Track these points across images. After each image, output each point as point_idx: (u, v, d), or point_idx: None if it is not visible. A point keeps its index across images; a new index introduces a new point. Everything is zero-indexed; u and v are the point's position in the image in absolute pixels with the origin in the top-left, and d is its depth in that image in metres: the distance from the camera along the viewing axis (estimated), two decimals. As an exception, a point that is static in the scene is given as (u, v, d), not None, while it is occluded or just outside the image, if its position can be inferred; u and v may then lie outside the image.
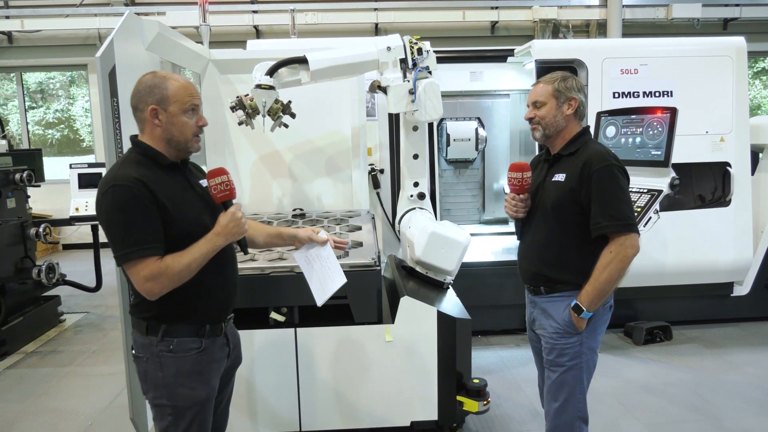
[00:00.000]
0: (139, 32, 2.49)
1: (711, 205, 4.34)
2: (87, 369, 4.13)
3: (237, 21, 8.33)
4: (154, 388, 1.83)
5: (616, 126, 3.67)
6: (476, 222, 5.16)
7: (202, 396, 1.84)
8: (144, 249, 1.68)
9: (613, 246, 2.05)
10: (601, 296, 2.08)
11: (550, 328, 2.21)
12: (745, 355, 4.03)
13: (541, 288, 2.24)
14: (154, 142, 1.81)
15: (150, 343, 1.81)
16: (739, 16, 8.66)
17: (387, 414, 2.88)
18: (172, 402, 1.81)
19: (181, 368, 1.81)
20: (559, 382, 2.20)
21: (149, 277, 1.68)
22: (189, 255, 1.73)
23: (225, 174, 1.83)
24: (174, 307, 1.80)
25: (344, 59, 3.09)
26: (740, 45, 4.32)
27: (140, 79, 1.81)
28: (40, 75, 9.77)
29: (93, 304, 5.70)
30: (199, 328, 1.84)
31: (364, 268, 2.77)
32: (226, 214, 1.81)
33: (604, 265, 2.05)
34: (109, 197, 1.68)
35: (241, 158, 3.85)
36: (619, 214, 2.04)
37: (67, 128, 11.59)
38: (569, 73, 2.25)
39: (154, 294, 1.71)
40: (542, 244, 2.22)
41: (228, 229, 1.79)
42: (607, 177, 2.06)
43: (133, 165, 1.75)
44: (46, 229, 4.86)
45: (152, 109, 1.76)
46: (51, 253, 8.34)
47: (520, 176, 2.21)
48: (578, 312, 2.11)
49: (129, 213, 1.67)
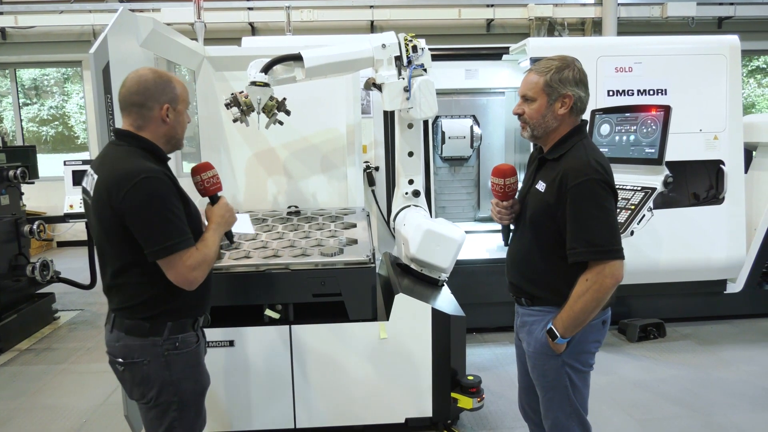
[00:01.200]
0: (134, 28, 2.48)
1: (705, 203, 4.36)
2: (81, 366, 4.13)
3: (232, 18, 8.30)
4: (159, 387, 1.80)
5: (610, 124, 3.68)
6: (471, 219, 5.17)
7: (204, 386, 1.93)
8: (187, 239, 1.72)
9: (590, 274, 1.81)
10: (577, 324, 1.87)
11: (530, 347, 2.03)
12: (738, 352, 4.06)
13: (522, 299, 2.06)
14: (155, 138, 1.81)
15: (152, 345, 1.78)
16: (734, 14, 8.70)
17: (381, 411, 2.89)
18: (179, 397, 1.83)
19: (187, 363, 1.85)
20: (547, 400, 2.04)
21: (194, 265, 1.72)
22: (210, 244, 1.81)
23: (212, 168, 1.94)
24: (182, 301, 1.82)
25: (339, 56, 3.09)
26: (734, 43, 4.34)
27: (141, 76, 1.77)
28: (35, 71, 9.72)
29: (87, 301, 5.68)
30: (194, 321, 1.89)
31: (359, 265, 2.77)
32: (221, 205, 1.92)
33: (579, 294, 1.83)
34: (142, 189, 1.65)
35: (236, 155, 3.85)
36: (597, 239, 1.78)
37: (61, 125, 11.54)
38: (570, 59, 1.93)
39: (197, 283, 1.75)
40: (521, 256, 2.03)
41: (225, 219, 1.91)
42: (584, 195, 1.79)
43: (143, 159, 1.74)
44: (41, 227, 4.84)
45: (166, 108, 1.79)
46: (45, 251, 8.31)
47: (502, 183, 2.01)
48: (553, 337, 1.90)
49: (167, 204, 1.69)
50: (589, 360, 2.01)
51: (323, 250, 2.88)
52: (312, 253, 2.86)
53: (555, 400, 2.01)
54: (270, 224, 3.41)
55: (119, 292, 1.80)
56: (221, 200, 1.94)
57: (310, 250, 2.91)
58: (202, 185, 1.91)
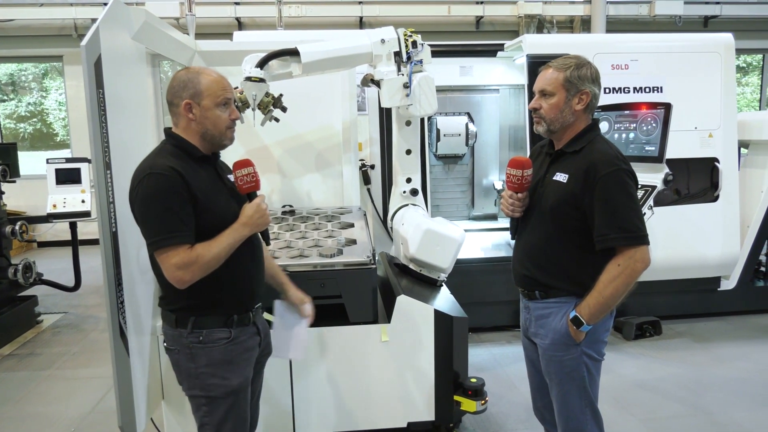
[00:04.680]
0: (126, 21, 2.37)
1: (699, 200, 4.36)
2: (68, 372, 3.99)
3: (219, 13, 8.16)
4: (187, 379, 1.87)
5: (609, 121, 3.65)
6: (465, 218, 5.12)
7: (234, 385, 1.86)
8: (176, 237, 1.70)
9: (622, 259, 1.86)
10: (604, 310, 1.91)
11: (547, 339, 2.03)
12: (734, 349, 4.07)
13: (535, 292, 2.06)
14: (188, 135, 1.85)
15: (180, 335, 1.84)
16: (720, 13, 8.79)
17: (383, 415, 2.82)
18: (206, 392, 1.84)
19: (212, 358, 1.84)
20: (563, 393, 2.03)
21: (180, 265, 1.70)
22: (217, 244, 1.76)
23: (251, 165, 1.89)
24: (202, 298, 1.83)
25: (337, 52, 3.00)
26: (728, 42, 4.35)
27: (174, 75, 1.85)
28: (11, 66, 9.44)
29: (72, 303, 5.52)
30: (227, 318, 1.87)
31: (359, 266, 2.70)
32: (251, 205, 1.86)
33: (610, 279, 1.86)
34: (144, 185, 1.71)
35: (228, 153, 3.70)
36: (629, 225, 1.85)
37: (39, 122, 11.25)
38: (584, 58, 1.99)
39: (184, 282, 1.73)
40: (537, 247, 2.04)
41: (253, 220, 1.83)
42: (615, 184, 1.85)
43: (168, 155, 1.79)
44: (23, 227, 4.68)
45: (186, 104, 1.80)
46: (26, 251, 8.07)
47: (520, 174, 2.00)
48: (577, 324, 1.93)
49: (164, 200, 1.70)
50: (602, 349, 2.05)
51: (322, 251, 2.80)
52: (310, 254, 2.78)
53: (571, 393, 2.02)
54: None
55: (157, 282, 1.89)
56: (255, 200, 1.88)
57: (308, 251, 2.83)
58: (236, 183, 1.88)
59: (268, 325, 2.68)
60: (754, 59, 10.22)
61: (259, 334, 2.02)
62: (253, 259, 1.96)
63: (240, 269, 1.88)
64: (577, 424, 2.04)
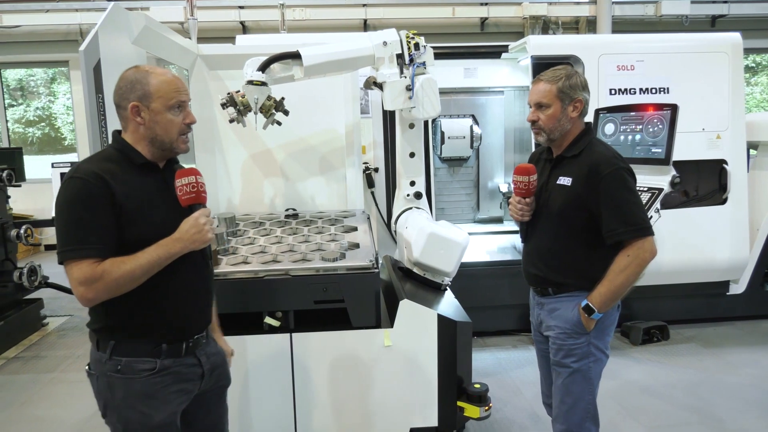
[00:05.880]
0: (125, 25, 2.37)
1: (707, 203, 4.31)
2: (71, 375, 3.99)
3: (223, 17, 8.19)
4: (104, 406, 1.68)
5: (614, 123, 3.61)
6: (470, 221, 5.09)
7: (155, 422, 1.66)
8: (82, 249, 1.53)
9: (631, 250, 1.99)
10: (615, 299, 2.05)
11: (557, 329, 2.16)
12: (743, 355, 4.01)
13: (549, 289, 2.19)
14: (136, 140, 1.68)
15: (100, 360, 1.65)
16: (728, 12, 8.71)
17: (385, 421, 2.79)
18: (123, 426, 1.66)
19: (131, 390, 1.64)
20: (567, 383, 2.15)
21: (82, 280, 1.52)
22: (134, 261, 1.55)
23: (194, 175, 1.67)
24: (123, 320, 1.64)
25: (339, 54, 2.98)
26: (736, 41, 4.29)
27: (122, 75, 1.68)
28: (20, 71, 9.52)
29: (77, 306, 5.50)
30: (153, 347, 1.66)
31: (362, 270, 2.67)
32: (189, 219, 1.64)
33: (621, 268, 2.00)
34: (63, 189, 1.57)
35: (232, 157, 3.73)
36: (634, 219, 2.00)
37: (48, 126, 11.33)
38: (572, 69, 2.15)
39: (88, 300, 1.55)
40: (547, 249, 2.18)
41: (188, 235, 1.62)
42: (617, 182, 2.00)
43: (103, 160, 1.64)
44: (28, 231, 4.70)
45: (133, 106, 1.63)
46: (33, 254, 8.12)
47: (526, 180, 2.14)
48: (588, 312, 2.06)
49: (77, 208, 1.54)
50: (608, 344, 2.17)
51: (324, 254, 2.77)
52: (313, 258, 2.75)
53: (577, 383, 2.12)
54: (268, 228, 3.30)
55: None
56: (194, 214, 1.65)
57: (311, 254, 2.80)
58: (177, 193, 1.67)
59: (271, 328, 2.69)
60: (763, 59, 10.13)
61: (201, 366, 1.78)
62: (193, 282, 1.74)
63: (172, 292, 1.67)
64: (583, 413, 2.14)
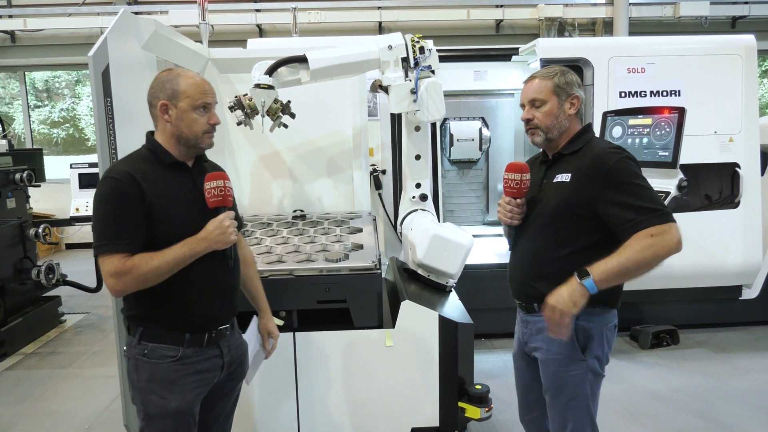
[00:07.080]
0: (135, 31, 2.44)
1: (719, 206, 4.25)
2: (86, 371, 4.10)
3: (240, 20, 8.28)
4: (132, 390, 1.83)
5: (622, 126, 3.59)
6: (480, 223, 5.09)
7: (171, 407, 1.76)
8: (115, 244, 1.66)
9: (656, 230, 1.73)
10: (619, 277, 1.79)
11: (549, 353, 1.96)
12: (754, 361, 3.95)
13: (534, 305, 1.99)
14: (164, 138, 1.81)
15: (131, 344, 1.81)
16: (748, 13, 8.56)
17: (387, 420, 2.82)
18: (144, 408, 1.79)
19: (154, 375, 1.77)
20: (563, 410, 1.97)
21: (113, 273, 1.65)
22: (161, 257, 1.68)
23: (222, 179, 1.79)
24: (150, 310, 1.77)
25: (344, 58, 3.03)
26: (750, 43, 4.23)
27: (156, 76, 1.82)
28: (46, 73, 9.77)
29: (94, 304, 5.66)
30: (177, 335, 1.78)
31: (364, 271, 2.71)
32: (213, 221, 1.76)
33: (640, 247, 1.73)
34: (99, 188, 1.70)
35: (241, 159, 3.80)
36: (655, 204, 1.78)
37: (72, 127, 11.58)
38: (565, 67, 2.01)
39: (117, 292, 1.68)
40: (537, 255, 1.97)
41: (213, 236, 1.74)
42: (627, 170, 1.82)
43: (136, 160, 1.77)
44: (46, 230, 4.83)
45: (162, 105, 1.76)
46: (53, 253, 8.32)
47: (518, 178, 1.96)
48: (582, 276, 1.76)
49: (110, 206, 1.67)
50: (604, 365, 1.99)
51: (328, 255, 2.82)
52: (317, 259, 2.79)
53: (574, 408, 1.95)
54: (275, 228, 3.35)
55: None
56: (219, 216, 1.77)
57: (315, 255, 2.85)
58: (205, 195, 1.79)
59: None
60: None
61: (223, 358, 1.88)
62: (218, 278, 1.84)
63: (195, 286, 1.78)
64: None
